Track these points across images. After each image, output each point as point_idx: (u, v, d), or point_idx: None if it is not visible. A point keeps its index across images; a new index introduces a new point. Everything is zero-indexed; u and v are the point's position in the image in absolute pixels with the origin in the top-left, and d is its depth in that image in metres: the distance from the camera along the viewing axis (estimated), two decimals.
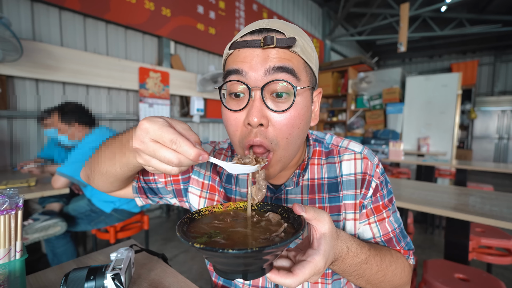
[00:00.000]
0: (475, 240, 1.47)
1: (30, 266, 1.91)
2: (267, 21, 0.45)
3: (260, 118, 0.42)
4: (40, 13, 2.29)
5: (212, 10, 3.67)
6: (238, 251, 0.29)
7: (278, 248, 0.31)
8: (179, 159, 0.35)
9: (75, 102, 1.74)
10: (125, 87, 2.81)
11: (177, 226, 0.36)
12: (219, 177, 0.64)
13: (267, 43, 0.41)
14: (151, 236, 2.74)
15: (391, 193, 0.60)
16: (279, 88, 0.43)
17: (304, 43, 0.45)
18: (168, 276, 0.63)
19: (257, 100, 0.42)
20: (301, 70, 0.45)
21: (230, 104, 0.46)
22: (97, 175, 0.57)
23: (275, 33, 0.43)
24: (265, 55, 0.42)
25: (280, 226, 0.39)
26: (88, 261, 0.70)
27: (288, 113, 0.44)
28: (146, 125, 0.35)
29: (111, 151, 0.51)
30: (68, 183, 1.57)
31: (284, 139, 0.45)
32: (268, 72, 0.42)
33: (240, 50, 0.44)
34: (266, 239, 0.36)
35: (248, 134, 0.45)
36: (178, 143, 0.34)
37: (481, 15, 5.69)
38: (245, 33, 0.44)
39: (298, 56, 0.44)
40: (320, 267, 0.37)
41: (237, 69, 0.43)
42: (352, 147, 0.59)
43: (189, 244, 0.31)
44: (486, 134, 7.23)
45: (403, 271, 0.56)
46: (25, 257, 0.49)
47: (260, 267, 0.35)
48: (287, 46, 0.42)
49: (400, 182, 1.85)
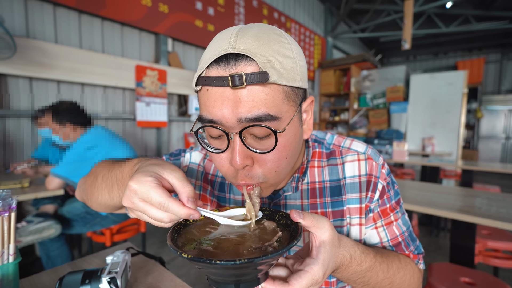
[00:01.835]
0: (482, 242, 1.47)
1: (24, 269, 1.91)
2: (234, 38, 0.39)
3: (243, 161, 0.40)
4: (34, 9, 2.29)
5: (211, 6, 3.67)
6: (226, 262, 0.28)
7: (270, 259, 0.31)
8: (170, 218, 0.36)
9: (70, 101, 1.74)
10: (121, 85, 2.81)
11: (168, 234, 0.37)
12: (211, 186, 0.63)
13: (235, 84, 0.37)
14: (148, 238, 2.74)
15: (398, 194, 0.59)
16: (258, 132, 0.40)
17: (282, 59, 0.39)
18: (165, 280, 0.63)
19: (237, 143, 0.40)
20: (280, 102, 0.40)
21: (212, 142, 0.45)
22: (95, 204, 0.58)
23: (244, 61, 0.38)
24: (235, 97, 0.38)
25: (274, 234, 0.39)
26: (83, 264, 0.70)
27: (273, 151, 0.42)
28: (134, 186, 0.36)
29: (108, 185, 0.51)
30: (63, 184, 1.57)
31: (272, 173, 0.44)
32: (240, 121, 0.39)
33: (208, 89, 0.40)
34: (258, 248, 0.35)
35: (235, 174, 0.44)
36: (166, 206, 0.35)
37: (488, 11, 5.69)
38: (211, 62, 0.39)
39: (275, 85, 0.39)
40: (318, 277, 0.36)
41: (211, 119, 0.41)
42: (355, 147, 0.58)
43: (177, 253, 0.31)
44: (493, 134, 7.22)
45: (412, 277, 0.55)
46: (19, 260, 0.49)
47: (255, 276, 0.34)
48: (260, 82, 0.38)
49: (404, 183, 1.85)
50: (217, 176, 0.63)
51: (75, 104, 1.74)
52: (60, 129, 1.66)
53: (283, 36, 0.42)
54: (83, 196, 0.63)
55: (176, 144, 3.52)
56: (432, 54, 8.97)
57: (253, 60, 0.38)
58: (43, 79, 2.35)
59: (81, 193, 0.64)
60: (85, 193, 0.61)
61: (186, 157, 0.65)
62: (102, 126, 1.78)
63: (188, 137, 3.57)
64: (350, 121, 5.68)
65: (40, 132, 1.68)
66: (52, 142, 1.82)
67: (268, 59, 0.38)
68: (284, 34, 0.43)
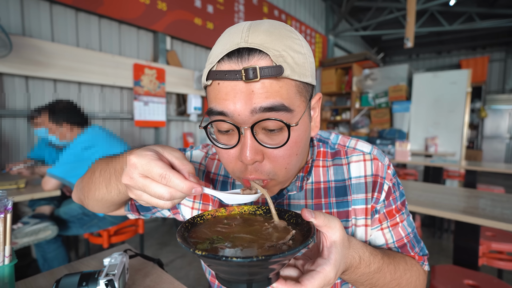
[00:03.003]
0: (486, 244, 1.47)
1: (20, 271, 1.91)
2: (246, 33, 0.39)
3: (254, 156, 0.41)
4: (30, 6, 2.29)
5: (210, 4, 3.67)
6: (242, 259, 0.28)
7: (286, 257, 0.31)
8: (171, 194, 0.36)
9: (67, 100, 1.74)
10: (119, 84, 2.81)
11: (177, 231, 0.36)
12: (213, 185, 0.63)
13: (249, 78, 0.37)
14: (146, 240, 2.74)
15: (404, 195, 0.59)
16: (271, 125, 0.41)
17: (294, 54, 0.40)
18: (164, 282, 0.63)
19: (248, 137, 0.40)
20: (293, 96, 0.41)
21: (220, 138, 0.45)
22: (92, 201, 0.58)
23: (257, 55, 0.38)
24: (248, 90, 0.38)
25: (287, 232, 0.39)
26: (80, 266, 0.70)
27: (284, 146, 0.42)
28: (134, 160, 0.36)
29: (106, 178, 0.51)
30: (59, 185, 1.57)
31: (282, 169, 0.44)
32: (255, 112, 0.39)
33: (219, 83, 0.40)
34: (272, 246, 0.35)
35: (243, 169, 0.44)
36: (167, 178, 0.35)
37: (492, 9, 5.69)
38: (222, 56, 0.39)
39: (288, 79, 0.40)
40: (330, 278, 0.37)
41: (221, 111, 0.41)
42: (361, 147, 0.58)
43: (190, 250, 0.31)
44: (497, 134, 7.22)
45: (418, 279, 0.55)
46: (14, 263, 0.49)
47: (266, 276, 0.34)
48: (274, 76, 0.38)
49: (407, 183, 1.85)
50: (219, 175, 0.63)
51: (72, 104, 1.74)
52: (56, 128, 1.66)
53: (293, 32, 0.43)
54: (80, 196, 0.63)
55: (174, 144, 3.51)
56: (435, 53, 8.97)
57: (266, 54, 0.38)
58: (40, 78, 2.35)
59: (78, 193, 0.64)
60: (82, 192, 0.61)
61: (186, 156, 0.65)
62: (100, 126, 1.78)
63: (187, 137, 3.57)
64: (352, 121, 5.68)
65: (37, 132, 1.68)
66: (48, 142, 1.82)
67: (281, 54, 0.38)
68: (294, 31, 0.44)
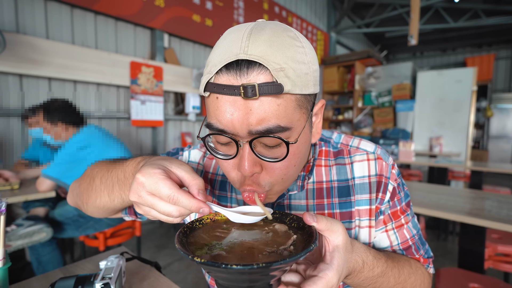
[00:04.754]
0: (492, 247, 1.47)
1: (14, 275, 1.91)
2: (246, 42, 0.38)
3: (252, 168, 0.41)
4: (24, 3, 2.29)
5: (209, 0, 3.68)
6: (242, 267, 0.28)
7: (287, 264, 0.31)
8: (180, 212, 0.37)
9: (62, 99, 1.74)
10: (116, 82, 2.81)
11: (176, 237, 0.36)
12: (211, 185, 0.62)
13: (247, 95, 0.36)
14: (143, 243, 2.74)
15: (408, 196, 0.59)
16: (269, 142, 0.40)
17: (296, 66, 0.39)
18: (161, 285, 0.63)
19: (246, 151, 0.40)
20: (292, 112, 0.40)
21: (219, 147, 0.45)
22: (92, 208, 0.58)
23: (256, 68, 0.37)
24: (247, 108, 0.38)
25: (288, 238, 0.39)
26: (75, 269, 0.70)
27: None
28: (141, 179, 0.37)
29: (108, 186, 0.51)
30: (54, 186, 1.57)
31: (279, 180, 0.44)
32: (251, 133, 0.39)
33: (218, 98, 0.39)
34: (273, 252, 0.35)
35: (242, 180, 0.45)
36: (176, 198, 0.36)
37: (498, 5, 5.69)
38: (221, 67, 0.38)
39: (289, 94, 0.39)
40: (333, 284, 0.37)
41: (221, 129, 0.41)
42: (364, 146, 0.58)
43: (189, 257, 0.31)
44: (503, 134, 7.22)
45: (423, 282, 0.55)
46: (8, 266, 0.49)
47: (267, 283, 0.34)
48: (274, 93, 0.37)
49: (411, 184, 1.85)
50: (218, 175, 0.63)
51: (67, 102, 1.74)
52: (51, 128, 1.66)
53: (297, 39, 0.41)
54: (77, 201, 0.63)
55: (172, 144, 3.52)
56: (440, 50, 8.97)
57: (266, 68, 0.37)
58: (34, 76, 2.35)
59: (75, 198, 0.64)
60: (79, 197, 0.61)
61: (184, 156, 0.65)
62: (96, 125, 1.78)
63: (185, 136, 3.57)
64: (354, 120, 5.68)
65: (31, 131, 1.68)
66: (43, 142, 1.82)
67: (282, 67, 0.37)
68: (298, 36, 0.42)
